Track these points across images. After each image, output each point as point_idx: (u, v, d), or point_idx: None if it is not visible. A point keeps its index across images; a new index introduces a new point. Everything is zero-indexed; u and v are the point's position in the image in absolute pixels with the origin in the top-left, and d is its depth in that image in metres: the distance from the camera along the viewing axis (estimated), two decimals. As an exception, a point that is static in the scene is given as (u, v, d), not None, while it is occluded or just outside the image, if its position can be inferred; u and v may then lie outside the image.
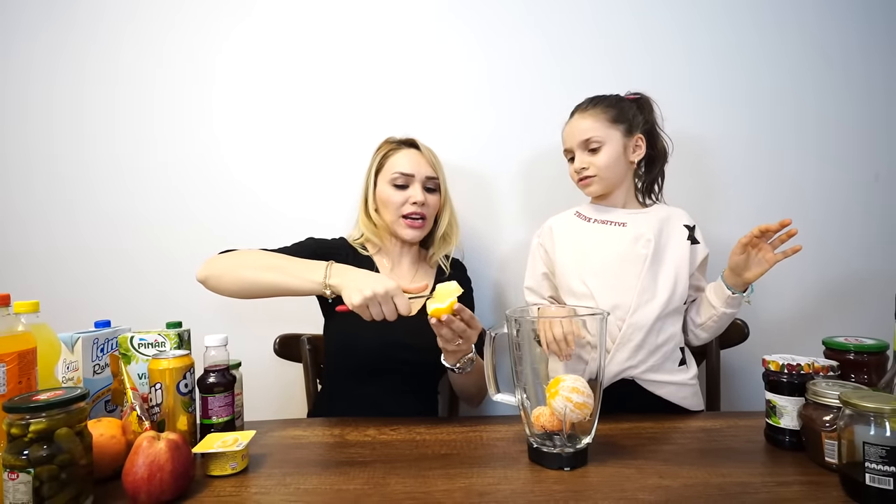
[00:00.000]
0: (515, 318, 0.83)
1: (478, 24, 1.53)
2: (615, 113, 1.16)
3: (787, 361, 0.86)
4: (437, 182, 1.26)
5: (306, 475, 0.78)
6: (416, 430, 0.97)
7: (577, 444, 0.79)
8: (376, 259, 1.26)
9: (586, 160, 1.16)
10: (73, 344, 0.91)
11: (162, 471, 0.69)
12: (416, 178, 1.22)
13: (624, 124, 1.16)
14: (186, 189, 1.55)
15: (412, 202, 1.21)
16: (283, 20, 1.55)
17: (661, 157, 1.24)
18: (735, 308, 1.12)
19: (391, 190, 1.22)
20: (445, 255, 1.31)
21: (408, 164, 1.22)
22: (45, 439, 0.64)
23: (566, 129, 1.21)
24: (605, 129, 1.15)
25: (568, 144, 1.20)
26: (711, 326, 1.16)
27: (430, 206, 1.24)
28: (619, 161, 1.16)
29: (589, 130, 1.15)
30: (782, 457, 0.82)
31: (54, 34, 1.55)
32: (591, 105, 1.18)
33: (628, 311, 1.09)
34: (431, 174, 1.24)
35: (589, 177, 1.17)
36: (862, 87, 1.51)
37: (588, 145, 1.16)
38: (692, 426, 0.99)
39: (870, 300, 1.49)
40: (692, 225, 1.19)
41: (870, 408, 0.65)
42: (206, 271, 1.05)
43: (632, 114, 1.18)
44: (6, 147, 1.55)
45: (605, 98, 1.19)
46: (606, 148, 1.15)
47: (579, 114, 1.19)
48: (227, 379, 0.92)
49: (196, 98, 1.55)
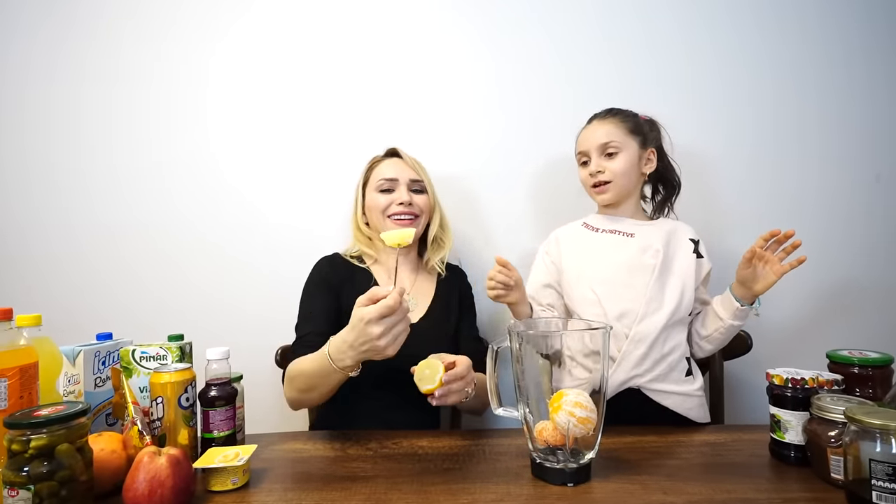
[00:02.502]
0: (518, 331, 0.83)
1: (482, 27, 1.55)
2: (632, 125, 1.20)
3: (791, 375, 0.86)
4: (422, 184, 1.29)
5: (308, 490, 0.78)
6: (417, 444, 0.97)
7: (580, 459, 0.78)
8: (373, 270, 1.27)
9: (602, 164, 1.19)
10: (75, 357, 0.91)
11: (163, 487, 0.68)
12: (400, 182, 1.26)
13: (640, 136, 1.20)
14: (184, 195, 1.56)
15: (398, 203, 1.24)
16: (283, 23, 1.55)
17: (674, 178, 1.27)
18: (742, 321, 1.13)
19: (378, 195, 1.26)
20: (441, 258, 1.32)
21: (391, 170, 1.27)
22: (45, 455, 0.64)
23: (583, 133, 1.24)
24: (624, 136, 1.19)
25: (585, 147, 1.22)
26: (717, 339, 1.16)
27: (419, 206, 1.26)
28: (633, 170, 1.20)
29: (608, 135, 1.19)
30: (787, 472, 0.81)
31: (53, 32, 1.55)
32: (610, 115, 1.22)
33: (635, 320, 1.11)
34: (415, 177, 1.28)
35: (604, 182, 1.19)
36: (864, 88, 1.52)
37: (606, 149, 1.19)
38: (696, 440, 0.99)
39: (873, 307, 1.48)
40: (697, 239, 1.21)
41: (876, 424, 0.65)
42: (291, 406, 1.10)
43: (647, 129, 1.22)
44: (3, 152, 1.56)
45: (621, 111, 1.24)
46: (623, 154, 1.18)
47: (598, 120, 1.23)
48: (228, 392, 0.92)
49: (196, 104, 1.56)
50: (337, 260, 1.28)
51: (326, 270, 1.24)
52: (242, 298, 1.54)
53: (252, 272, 1.54)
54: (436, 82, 1.55)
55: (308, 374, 0.99)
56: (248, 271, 1.54)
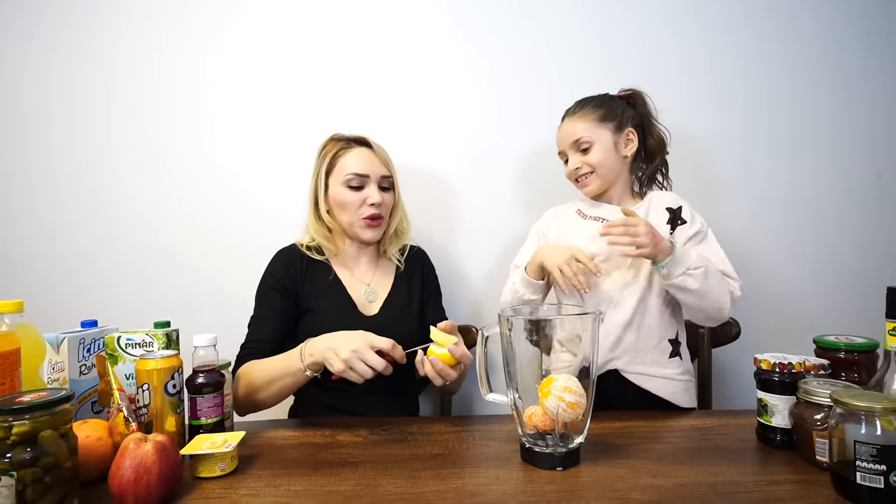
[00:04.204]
0: (508, 317, 0.83)
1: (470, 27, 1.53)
2: (603, 112, 1.19)
3: (778, 360, 0.86)
4: (391, 181, 1.24)
5: (296, 476, 0.77)
6: (407, 430, 0.97)
7: (569, 443, 0.79)
8: (333, 262, 1.24)
9: (580, 160, 1.19)
10: (59, 344, 0.89)
11: (149, 473, 0.68)
12: (371, 179, 1.20)
13: (613, 122, 1.19)
14: (175, 183, 1.54)
15: (370, 203, 1.19)
16: (278, 18, 1.53)
17: (659, 148, 1.25)
18: (669, 281, 1.06)
19: (346, 191, 1.19)
20: (399, 249, 1.30)
21: (362, 165, 1.20)
22: (28, 442, 0.63)
23: (558, 133, 1.25)
24: (594, 128, 1.18)
25: (561, 147, 1.24)
26: (684, 301, 1.11)
27: (386, 205, 1.23)
28: (612, 157, 1.19)
29: (579, 131, 1.18)
30: (774, 455, 0.82)
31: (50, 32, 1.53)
32: (579, 107, 1.22)
33: (610, 304, 1.13)
34: (386, 173, 1.23)
35: (586, 174, 1.19)
36: (862, 86, 1.52)
37: (579, 146, 1.19)
38: (684, 425, 0.99)
39: (862, 298, 1.49)
40: (677, 207, 1.18)
41: (861, 406, 0.65)
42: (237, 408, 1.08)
43: (620, 110, 1.20)
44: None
45: (593, 99, 1.22)
46: (597, 146, 1.18)
47: (569, 117, 1.23)
48: (216, 379, 0.91)
49: (187, 94, 1.54)
50: (293, 255, 1.22)
51: (280, 272, 1.19)
52: (231, 287, 1.52)
53: (240, 259, 1.52)
54: (425, 75, 1.54)
55: (271, 376, 1.01)
56: (237, 257, 1.53)
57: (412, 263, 1.31)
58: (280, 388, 1.02)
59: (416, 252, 1.35)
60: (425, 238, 1.47)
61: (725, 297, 1.08)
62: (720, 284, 1.08)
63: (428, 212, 1.52)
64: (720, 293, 1.07)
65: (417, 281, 1.30)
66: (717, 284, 1.07)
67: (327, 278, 1.21)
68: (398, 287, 1.26)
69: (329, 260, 1.24)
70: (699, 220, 1.18)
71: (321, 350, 0.95)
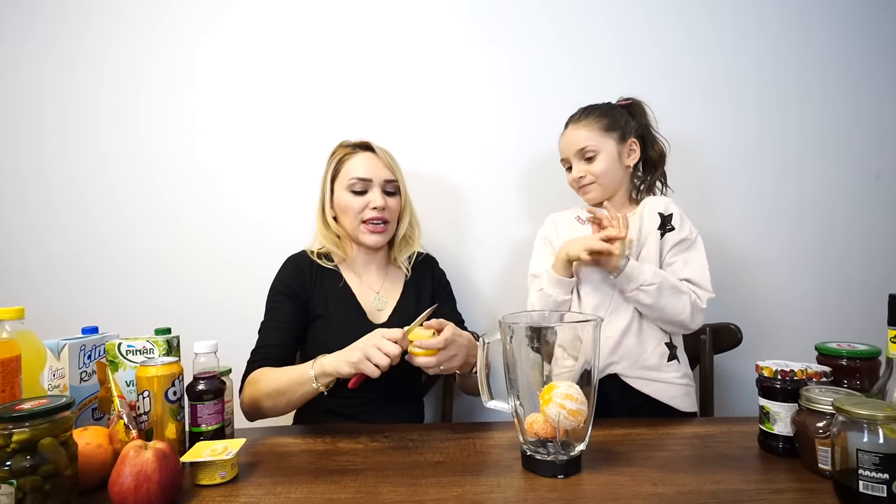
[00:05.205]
0: (509, 324, 0.83)
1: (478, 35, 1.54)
2: (608, 121, 1.19)
3: (780, 367, 0.86)
4: (396, 185, 1.23)
5: (297, 484, 0.77)
6: (408, 437, 0.96)
7: (570, 451, 0.78)
8: (342, 269, 1.24)
9: (583, 168, 1.19)
10: (60, 351, 0.89)
11: (149, 481, 0.67)
12: (374, 183, 1.19)
13: (617, 131, 1.19)
14: (172, 193, 1.54)
15: (372, 207, 1.18)
16: (269, 21, 1.54)
17: (660, 159, 1.26)
18: (625, 294, 1.12)
19: (349, 196, 1.19)
20: (408, 256, 1.29)
21: (364, 169, 1.19)
22: (28, 450, 0.63)
23: (562, 140, 1.24)
24: (599, 137, 1.18)
25: (564, 155, 1.23)
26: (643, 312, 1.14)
27: (391, 210, 1.22)
28: (615, 167, 1.19)
29: (584, 140, 1.18)
30: (776, 463, 0.82)
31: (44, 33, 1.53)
32: (584, 115, 1.21)
33: (607, 311, 1.13)
34: (390, 177, 1.22)
35: (588, 184, 1.20)
36: (866, 86, 1.53)
37: (584, 154, 1.19)
38: (686, 432, 0.99)
39: (863, 303, 1.49)
40: (668, 213, 1.18)
41: (863, 415, 0.65)
42: (244, 412, 1.09)
43: (624, 120, 1.21)
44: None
45: (597, 107, 1.22)
46: (602, 156, 1.18)
47: (573, 124, 1.22)
48: (216, 386, 0.90)
49: (183, 104, 1.54)
50: (303, 261, 1.23)
51: (290, 279, 1.20)
52: (231, 296, 1.52)
53: (241, 271, 1.53)
54: (426, 79, 1.54)
55: (282, 388, 1.01)
56: (238, 271, 1.53)
57: (421, 271, 1.30)
58: (289, 399, 1.02)
59: (424, 259, 1.34)
60: (436, 246, 1.46)
61: (684, 309, 1.10)
62: (676, 299, 1.09)
63: (438, 219, 1.51)
64: (675, 307, 1.09)
65: (427, 289, 1.29)
66: (671, 300, 1.09)
67: (337, 285, 1.21)
68: (407, 295, 1.26)
69: (338, 267, 1.24)
70: (688, 227, 1.17)
71: (332, 362, 0.95)
